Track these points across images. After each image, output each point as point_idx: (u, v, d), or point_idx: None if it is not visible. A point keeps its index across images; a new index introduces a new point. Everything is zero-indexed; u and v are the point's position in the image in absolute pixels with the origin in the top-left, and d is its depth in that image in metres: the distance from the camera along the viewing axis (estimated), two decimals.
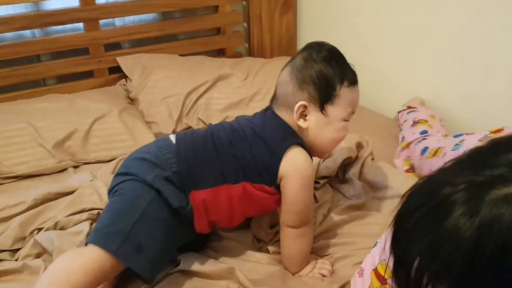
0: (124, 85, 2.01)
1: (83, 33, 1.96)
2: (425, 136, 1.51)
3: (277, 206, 1.14)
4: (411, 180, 1.34)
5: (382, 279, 0.86)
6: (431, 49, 1.79)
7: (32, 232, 1.26)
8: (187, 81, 1.90)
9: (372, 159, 1.45)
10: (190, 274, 1.08)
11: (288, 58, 2.24)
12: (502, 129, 1.20)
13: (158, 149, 1.08)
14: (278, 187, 1.08)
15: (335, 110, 1.07)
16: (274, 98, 1.14)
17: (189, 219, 1.07)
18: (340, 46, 1.13)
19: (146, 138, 1.70)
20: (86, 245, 1.02)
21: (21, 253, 1.21)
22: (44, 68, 1.94)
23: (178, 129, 1.79)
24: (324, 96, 1.06)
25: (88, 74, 2.04)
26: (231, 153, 1.07)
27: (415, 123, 1.62)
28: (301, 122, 1.07)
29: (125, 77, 2.02)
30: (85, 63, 1.99)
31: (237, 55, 2.30)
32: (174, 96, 1.87)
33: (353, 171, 1.39)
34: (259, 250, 1.21)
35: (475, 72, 1.65)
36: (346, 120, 1.10)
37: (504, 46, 1.54)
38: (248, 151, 1.06)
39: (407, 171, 1.48)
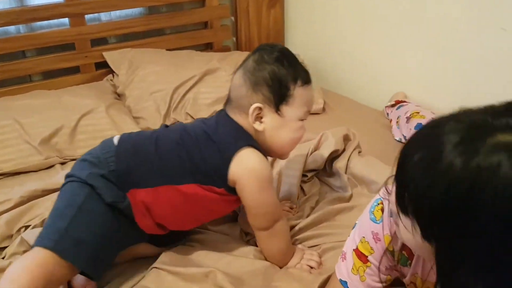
0: (111, 80, 2.00)
1: (69, 29, 1.94)
2: None
3: (232, 209, 1.14)
4: None
5: (363, 258, 0.87)
6: (417, 43, 1.80)
7: (19, 230, 1.26)
8: (175, 75, 1.89)
9: (359, 152, 1.46)
10: (167, 272, 1.07)
11: None
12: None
13: (100, 150, 1.10)
14: (230, 189, 1.06)
15: (291, 110, 1.07)
16: (228, 101, 1.12)
17: (131, 216, 1.06)
18: (327, 40, 1.14)
19: None
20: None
21: (8, 251, 1.20)
22: (30, 64, 1.92)
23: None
24: (278, 97, 1.05)
25: (75, 70, 2.02)
26: (176, 154, 1.06)
27: (408, 118, 1.63)
28: (257, 125, 1.06)
29: (112, 72, 2.01)
30: (71, 58, 1.98)
31: (225, 49, 2.30)
32: (161, 91, 1.86)
33: (340, 165, 1.39)
34: (247, 243, 1.21)
35: (462, 67, 1.66)
36: (302, 120, 1.09)
37: (491, 41, 1.55)
38: (197, 153, 1.05)
39: None
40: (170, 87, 1.86)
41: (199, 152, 1.05)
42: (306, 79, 1.08)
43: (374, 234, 0.85)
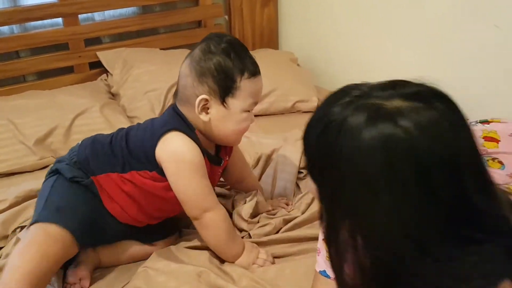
0: (105, 80, 2.00)
1: (63, 28, 1.94)
2: None
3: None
4: None
5: None
6: (412, 41, 1.80)
7: (14, 230, 1.26)
8: (169, 74, 1.89)
9: None
10: (158, 272, 1.08)
11: (270, 50, 2.27)
12: (488, 122, 1.19)
13: (67, 154, 1.21)
14: (162, 172, 1.08)
15: (236, 102, 1.06)
16: (175, 92, 1.13)
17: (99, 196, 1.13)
18: (321, 38, 1.14)
19: None
20: None
21: (3, 251, 1.20)
22: (24, 64, 1.91)
23: None
24: (224, 89, 1.05)
25: (69, 70, 2.02)
26: (124, 145, 1.11)
27: None
28: (202, 116, 1.06)
29: (106, 72, 2.01)
30: (65, 58, 1.98)
31: None
32: (156, 90, 1.86)
33: None
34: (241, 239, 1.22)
35: (456, 64, 1.67)
36: (248, 111, 1.09)
37: (484, 39, 1.55)
38: (136, 141, 1.11)
39: None
40: (164, 86, 1.86)
41: (137, 140, 1.10)
42: (253, 71, 1.07)
43: None
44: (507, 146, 1.08)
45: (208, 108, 1.06)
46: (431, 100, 0.65)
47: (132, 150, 1.10)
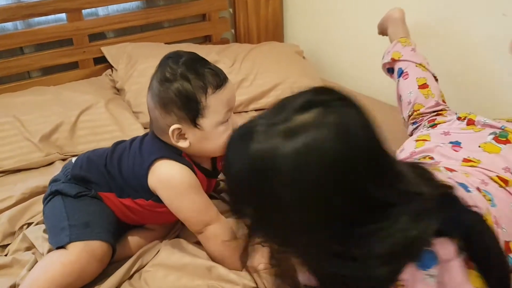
0: (110, 75, 1.99)
1: (66, 24, 1.93)
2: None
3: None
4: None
5: None
6: (418, 32, 1.78)
7: (21, 227, 1.25)
8: None
9: None
10: (168, 268, 1.07)
11: (276, 43, 2.25)
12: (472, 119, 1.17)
13: (61, 171, 1.22)
14: (158, 199, 1.08)
15: (209, 120, 1.04)
16: (150, 121, 1.12)
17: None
18: (326, 31, 1.12)
19: (134, 128, 1.69)
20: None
21: (10, 248, 1.20)
22: (28, 61, 1.91)
23: None
24: (192, 113, 1.02)
25: (73, 65, 2.01)
26: (117, 172, 1.12)
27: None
28: (181, 143, 1.05)
29: (111, 67, 2.00)
30: (69, 54, 1.97)
31: (224, 41, 2.28)
32: None
33: None
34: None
35: (463, 53, 1.65)
36: (224, 122, 1.06)
37: (492, 27, 1.53)
38: (130, 170, 1.10)
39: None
40: None
41: (129, 170, 1.11)
42: (217, 84, 1.03)
43: None
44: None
45: (184, 135, 1.05)
46: (328, 104, 0.69)
47: (126, 179, 1.11)
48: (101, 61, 2.03)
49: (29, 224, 1.26)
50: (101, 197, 1.14)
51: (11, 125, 1.60)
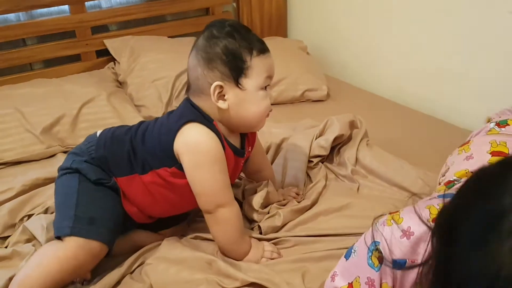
0: (112, 68, 1.99)
1: (69, 16, 1.92)
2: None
3: None
4: (406, 167, 1.33)
5: None
6: (422, 29, 1.77)
7: (21, 219, 1.25)
8: (176, 63, 1.87)
9: (367, 141, 1.44)
10: (168, 261, 1.07)
11: (279, 38, 2.24)
12: (508, 124, 1.08)
13: (83, 143, 1.16)
14: (181, 167, 1.05)
15: (251, 81, 1.03)
16: (188, 86, 1.10)
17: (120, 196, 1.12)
18: (330, 26, 1.11)
19: (136, 121, 1.65)
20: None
21: (11, 240, 1.19)
22: (30, 52, 1.90)
23: None
24: (236, 71, 1.02)
25: (76, 58, 2.01)
26: (141, 144, 1.09)
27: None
28: (220, 103, 1.03)
29: (113, 60, 1.99)
30: (72, 46, 1.96)
31: None
32: (163, 78, 1.84)
33: (349, 156, 1.38)
34: (251, 230, 1.20)
35: (468, 51, 1.63)
36: (265, 88, 1.06)
37: (498, 26, 1.52)
38: (156, 138, 1.07)
39: None
40: (171, 74, 1.84)
41: (154, 137, 1.08)
42: (261, 48, 1.04)
43: (370, 280, 0.81)
44: None
45: (224, 95, 1.04)
46: None
47: (149, 148, 1.07)
48: (104, 54, 2.02)
49: (29, 216, 1.25)
50: (120, 188, 1.10)
51: (12, 117, 1.59)
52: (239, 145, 1.13)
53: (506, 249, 0.49)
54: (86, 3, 1.93)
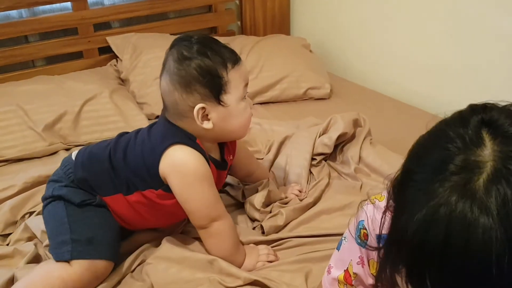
0: (115, 65, 1.98)
1: (71, 13, 1.91)
2: None
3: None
4: None
5: (349, 280, 0.85)
6: (427, 27, 1.76)
7: (23, 217, 1.25)
8: None
9: (371, 140, 1.44)
10: (169, 261, 1.06)
11: (282, 36, 2.23)
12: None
13: (60, 168, 1.14)
14: (168, 189, 1.04)
15: (231, 96, 1.02)
16: (165, 109, 1.08)
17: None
18: (333, 24, 1.10)
19: (138, 119, 1.68)
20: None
21: (12, 237, 1.19)
22: (32, 49, 1.89)
23: None
24: (215, 89, 1.00)
25: (78, 55, 2.00)
26: (123, 163, 1.07)
27: None
28: (205, 124, 1.02)
29: (116, 57, 1.99)
30: (74, 43, 1.95)
31: (229, 33, 2.26)
32: None
33: (352, 154, 1.37)
34: (253, 229, 1.20)
35: (473, 52, 1.62)
36: (244, 97, 1.05)
37: (506, 27, 1.51)
38: (139, 158, 1.05)
39: None
40: None
41: (138, 158, 1.06)
42: (234, 60, 1.03)
43: (361, 259, 0.83)
44: None
45: (207, 115, 1.02)
46: None
47: (134, 169, 1.05)
48: (106, 51, 2.01)
49: (31, 214, 1.25)
50: (106, 204, 1.09)
51: (14, 114, 1.59)
52: (219, 157, 1.13)
53: (446, 187, 0.53)
54: (88, 0, 1.92)
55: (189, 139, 1.04)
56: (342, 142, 1.43)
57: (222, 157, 1.14)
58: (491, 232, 0.50)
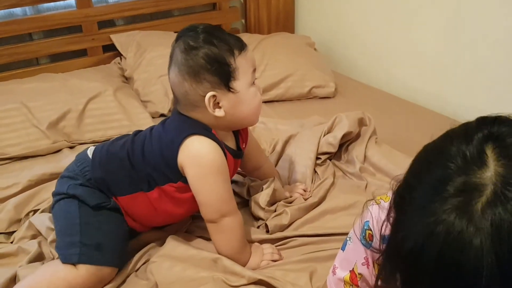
0: (119, 63, 1.98)
1: (76, 10, 1.91)
2: None
3: None
4: None
5: (355, 280, 0.85)
6: (432, 26, 1.75)
7: (27, 214, 1.25)
8: None
9: (376, 139, 1.43)
10: (173, 259, 1.06)
11: (287, 34, 2.22)
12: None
13: (75, 164, 1.13)
14: (186, 181, 1.04)
15: (241, 82, 1.03)
16: (176, 102, 1.09)
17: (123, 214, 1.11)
18: (338, 22, 1.10)
19: (142, 117, 1.68)
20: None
21: (16, 235, 1.19)
22: (37, 47, 1.90)
23: None
24: (224, 76, 1.01)
25: (82, 53, 2.00)
26: (142, 160, 1.07)
27: None
28: (217, 112, 1.03)
29: (120, 55, 1.99)
30: (78, 41, 1.95)
31: (234, 31, 2.26)
32: None
33: (357, 153, 1.36)
34: (257, 228, 1.19)
35: (478, 50, 1.61)
36: (253, 83, 1.06)
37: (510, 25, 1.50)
38: (157, 153, 1.05)
39: None
40: None
41: (156, 153, 1.06)
42: (240, 46, 1.03)
43: (366, 259, 0.83)
44: None
45: (218, 103, 1.03)
46: None
47: (153, 164, 1.06)
48: (110, 49, 2.01)
49: (35, 211, 1.25)
50: (120, 207, 1.09)
51: (19, 112, 1.59)
52: (235, 146, 1.13)
53: (446, 208, 0.53)
54: None
55: (205, 130, 1.04)
56: (347, 141, 1.43)
57: (238, 146, 1.15)
58: (482, 257, 0.51)
